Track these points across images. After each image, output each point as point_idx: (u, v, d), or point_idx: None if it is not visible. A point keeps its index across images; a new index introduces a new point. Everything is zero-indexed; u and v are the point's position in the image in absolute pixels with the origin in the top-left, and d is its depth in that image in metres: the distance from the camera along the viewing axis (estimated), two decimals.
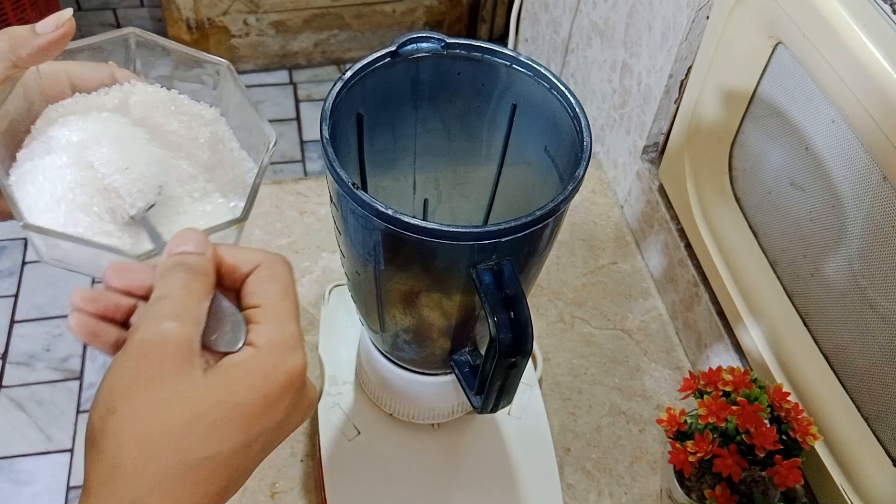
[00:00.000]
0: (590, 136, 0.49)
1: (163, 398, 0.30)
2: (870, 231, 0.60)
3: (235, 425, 0.31)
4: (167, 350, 0.31)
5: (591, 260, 0.93)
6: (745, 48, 0.70)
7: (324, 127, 0.47)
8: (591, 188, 1.02)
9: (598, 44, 1.05)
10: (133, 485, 0.29)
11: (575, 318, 0.88)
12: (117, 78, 0.40)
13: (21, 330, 1.69)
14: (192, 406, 0.30)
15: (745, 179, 0.77)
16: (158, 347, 0.31)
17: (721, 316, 0.80)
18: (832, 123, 0.62)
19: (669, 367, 0.85)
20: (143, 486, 0.29)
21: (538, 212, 0.45)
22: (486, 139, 0.59)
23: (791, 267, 0.72)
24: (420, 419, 0.68)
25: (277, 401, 0.32)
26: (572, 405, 0.81)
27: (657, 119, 0.89)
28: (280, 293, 0.34)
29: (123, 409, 0.30)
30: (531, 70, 0.52)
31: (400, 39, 0.52)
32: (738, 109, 0.74)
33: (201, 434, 0.30)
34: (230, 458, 0.31)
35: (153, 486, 0.29)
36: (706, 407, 0.63)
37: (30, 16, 1.94)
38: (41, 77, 0.39)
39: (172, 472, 0.29)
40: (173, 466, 0.29)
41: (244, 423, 0.31)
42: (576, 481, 0.75)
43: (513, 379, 0.50)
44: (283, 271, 0.35)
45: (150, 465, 0.29)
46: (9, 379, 1.62)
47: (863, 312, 0.62)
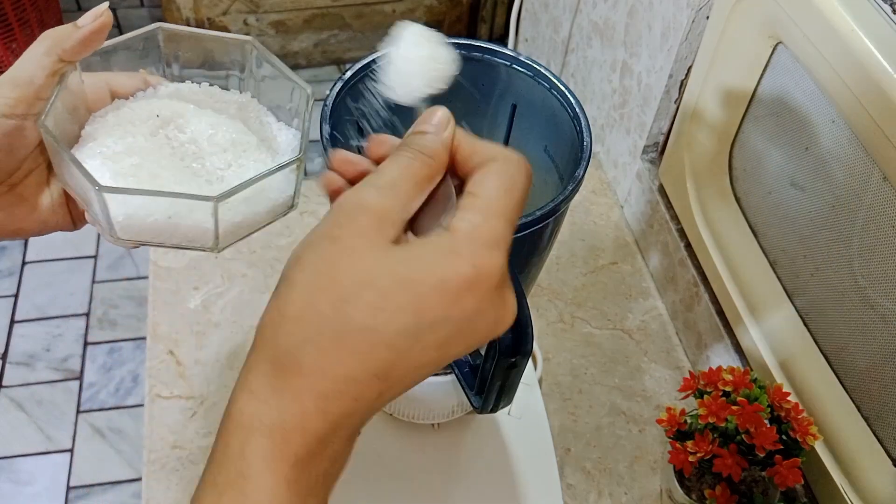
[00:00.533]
0: (590, 136, 0.49)
1: (341, 257, 0.30)
2: (870, 231, 0.60)
3: (405, 302, 0.29)
4: (359, 215, 0.30)
5: (591, 260, 0.93)
6: (745, 48, 0.70)
7: (324, 127, 0.47)
8: (591, 188, 1.02)
9: (598, 44, 1.05)
10: (290, 333, 0.29)
11: (575, 318, 0.88)
12: (150, 83, 0.43)
13: (21, 330, 1.69)
14: (367, 271, 0.29)
15: (745, 179, 0.77)
16: (351, 211, 0.30)
17: (721, 316, 0.80)
18: (832, 123, 0.62)
19: (669, 367, 0.85)
20: (301, 336, 0.29)
21: (538, 212, 0.45)
22: (486, 139, 0.59)
23: (791, 267, 0.72)
24: (420, 419, 0.68)
25: (458, 294, 0.29)
26: (572, 405, 0.81)
27: (657, 119, 0.89)
28: (501, 189, 0.32)
29: (307, 260, 0.30)
30: (531, 70, 0.52)
31: None
32: (738, 109, 0.74)
33: (369, 302, 0.29)
34: (394, 338, 0.29)
35: (310, 339, 0.29)
36: (706, 407, 0.63)
37: (30, 16, 1.94)
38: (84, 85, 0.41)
39: (331, 330, 0.29)
40: (329, 326, 0.29)
41: (414, 304, 0.29)
42: (576, 481, 0.75)
43: (513, 379, 0.50)
44: (515, 173, 0.33)
45: (312, 317, 0.29)
46: (9, 379, 1.62)
47: (863, 312, 0.62)
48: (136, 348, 1.68)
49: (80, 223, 0.44)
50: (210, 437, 0.75)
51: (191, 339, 0.82)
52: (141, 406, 1.55)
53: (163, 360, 0.81)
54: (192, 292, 0.86)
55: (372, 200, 0.31)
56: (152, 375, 0.79)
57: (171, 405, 0.77)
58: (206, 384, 0.79)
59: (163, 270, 0.88)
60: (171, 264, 0.88)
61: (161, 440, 0.75)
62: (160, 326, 0.83)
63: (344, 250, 0.30)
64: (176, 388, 0.79)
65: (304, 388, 0.29)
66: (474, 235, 0.30)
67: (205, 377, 0.79)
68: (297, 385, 0.29)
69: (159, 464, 0.73)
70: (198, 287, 0.86)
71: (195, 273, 0.87)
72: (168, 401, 0.78)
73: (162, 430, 0.76)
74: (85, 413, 1.58)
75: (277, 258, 0.89)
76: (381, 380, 0.30)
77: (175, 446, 0.75)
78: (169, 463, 0.74)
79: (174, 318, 0.84)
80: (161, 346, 0.82)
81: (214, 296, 0.86)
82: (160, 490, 0.72)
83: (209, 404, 0.78)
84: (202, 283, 0.87)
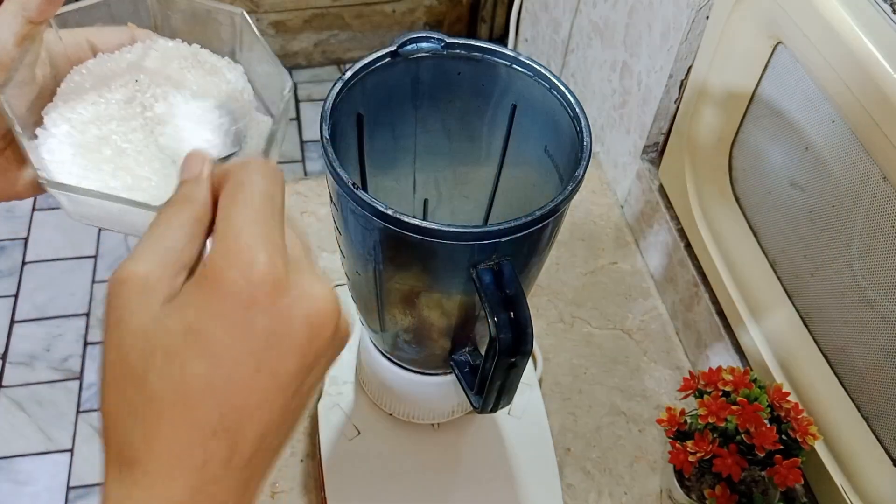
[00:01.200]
0: (590, 137, 0.49)
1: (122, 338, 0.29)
2: (870, 231, 0.60)
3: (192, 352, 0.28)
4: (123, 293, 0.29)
5: (591, 260, 0.93)
6: (745, 48, 0.70)
7: (324, 127, 0.47)
8: (591, 188, 1.02)
9: (598, 44, 1.05)
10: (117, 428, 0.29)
11: (575, 318, 0.88)
12: (137, 37, 0.40)
13: (21, 330, 1.69)
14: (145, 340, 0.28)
15: (745, 179, 0.77)
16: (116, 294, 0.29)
17: (721, 316, 0.80)
18: (832, 123, 0.62)
19: (669, 367, 0.85)
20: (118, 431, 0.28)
21: (538, 212, 0.45)
22: (486, 139, 0.59)
23: (791, 267, 0.72)
24: (420, 419, 0.68)
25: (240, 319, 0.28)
26: (572, 405, 0.81)
27: (657, 119, 0.89)
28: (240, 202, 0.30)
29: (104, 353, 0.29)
30: (531, 70, 0.52)
31: (400, 39, 0.52)
32: (738, 109, 0.74)
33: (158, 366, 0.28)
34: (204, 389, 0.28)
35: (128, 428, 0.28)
36: (706, 407, 0.63)
37: None
38: (62, 41, 0.39)
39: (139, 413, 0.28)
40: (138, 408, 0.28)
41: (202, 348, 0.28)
42: (576, 481, 0.75)
43: (513, 379, 0.50)
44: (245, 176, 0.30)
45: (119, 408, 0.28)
46: (9, 379, 1.62)
47: (863, 312, 0.62)
48: None
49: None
50: None
51: None
52: None
53: None
54: None
55: (125, 272, 0.29)
56: None
57: None
58: None
59: None
60: None
61: None
62: None
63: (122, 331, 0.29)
64: None
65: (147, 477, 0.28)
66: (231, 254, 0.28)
67: None
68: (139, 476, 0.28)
69: None
70: None
71: None
72: None
73: None
74: (85, 413, 1.58)
75: None
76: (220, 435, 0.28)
77: None
78: None
79: None
80: None
81: None
82: None
83: None
84: None
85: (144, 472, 0.28)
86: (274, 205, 0.30)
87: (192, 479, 0.28)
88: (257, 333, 0.28)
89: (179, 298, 0.29)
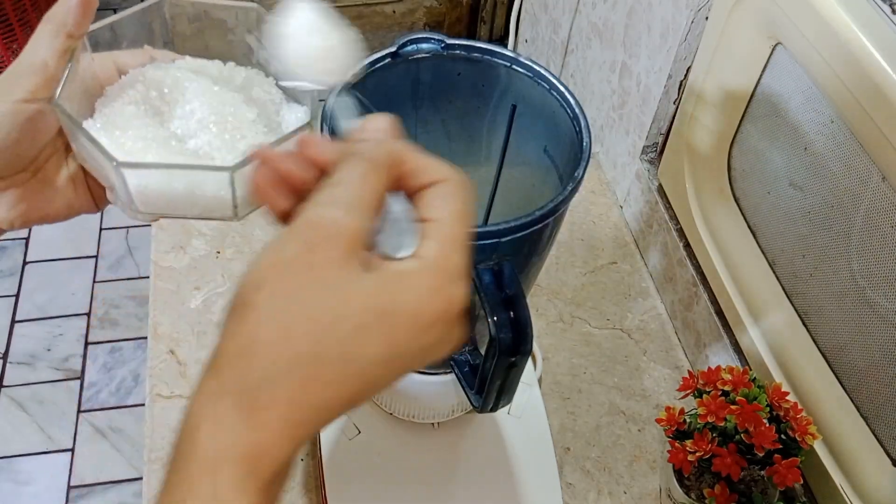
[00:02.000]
0: (589, 137, 0.49)
1: (316, 286, 0.29)
2: (869, 231, 0.60)
3: (381, 337, 0.29)
4: (331, 238, 0.29)
5: (591, 260, 0.94)
6: (744, 48, 0.70)
7: (324, 127, 0.47)
8: (591, 188, 1.02)
9: (597, 45, 1.05)
10: (264, 366, 0.28)
11: (574, 317, 0.88)
12: (155, 57, 0.43)
13: (21, 330, 1.69)
14: (343, 303, 0.29)
15: (744, 179, 0.77)
16: (324, 233, 0.29)
17: (720, 316, 0.80)
18: (831, 123, 0.62)
19: (668, 367, 0.85)
20: (273, 370, 0.28)
21: (538, 212, 0.45)
22: (485, 139, 0.59)
23: (790, 267, 0.72)
24: (420, 418, 0.68)
25: (429, 325, 0.30)
26: (572, 404, 0.81)
27: (656, 119, 0.89)
28: (458, 214, 0.31)
29: (275, 286, 0.29)
30: (531, 71, 0.53)
31: (400, 40, 0.53)
32: (738, 110, 0.75)
33: (345, 334, 0.29)
34: (367, 368, 0.29)
35: (283, 373, 0.28)
36: (705, 406, 0.64)
37: (30, 16, 1.94)
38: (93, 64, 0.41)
39: (307, 363, 0.29)
40: (309, 358, 0.29)
41: (390, 337, 0.29)
42: (575, 480, 0.76)
43: (513, 378, 0.50)
44: (468, 195, 0.32)
45: (284, 351, 0.28)
46: (9, 379, 1.62)
47: (862, 312, 0.62)
48: (136, 348, 1.68)
49: (101, 203, 0.43)
50: None
51: (192, 338, 0.82)
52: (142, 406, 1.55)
53: (164, 359, 0.81)
54: (193, 292, 0.86)
55: (344, 222, 0.30)
56: (153, 375, 0.80)
57: (172, 405, 0.78)
58: None
59: (164, 270, 0.88)
60: (173, 264, 0.88)
61: (162, 440, 0.75)
62: (161, 326, 0.83)
63: (318, 280, 0.29)
64: (177, 388, 0.79)
65: (276, 419, 0.29)
66: (444, 268, 0.30)
67: None
68: (269, 416, 0.29)
69: (160, 463, 0.73)
70: (199, 287, 0.87)
71: (196, 273, 0.88)
72: (169, 400, 0.78)
73: (163, 429, 0.76)
74: (86, 413, 1.58)
75: None
76: (350, 402, 0.30)
77: None
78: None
79: (175, 318, 0.84)
80: (162, 346, 0.82)
81: (215, 295, 0.86)
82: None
83: None
84: (203, 283, 0.87)
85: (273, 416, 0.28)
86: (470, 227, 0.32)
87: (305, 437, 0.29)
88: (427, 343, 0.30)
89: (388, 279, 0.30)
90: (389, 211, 0.32)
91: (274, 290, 0.29)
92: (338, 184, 0.31)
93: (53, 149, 0.41)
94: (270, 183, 0.33)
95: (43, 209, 0.41)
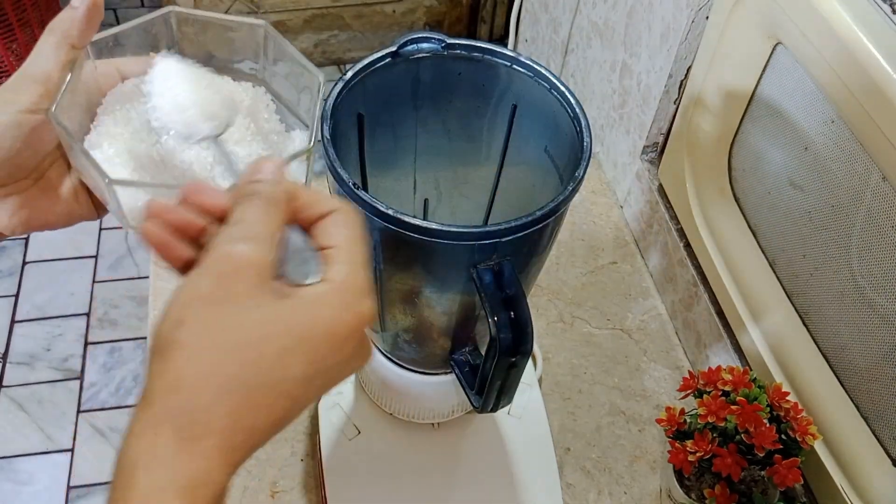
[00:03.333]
0: (590, 137, 0.49)
1: (234, 316, 0.30)
2: (869, 231, 0.60)
3: (302, 356, 0.31)
4: (242, 271, 0.31)
5: (591, 260, 0.93)
6: (744, 48, 0.70)
7: (324, 127, 0.47)
8: (591, 188, 1.02)
9: (597, 44, 1.05)
10: (195, 397, 0.29)
11: (575, 317, 0.88)
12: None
13: (21, 330, 1.69)
14: (263, 329, 0.31)
15: (745, 179, 0.77)
16: (233, 267, 0.31)
17: (720, 316, 0.80)
18: (831, 123, 0.62)
19: (669, 367, 0.85)
20: (204, 400, 0.29)
21: (538, 212, 0.45)
22: (486, 139, 0.59)
23: (790, 267, 0.72)
24: (420, 419, 0.68)
25: (344, 341, 0.32)
26: (572, 405, 0.81)
27: (657, 119, 0.89)
28: (354, 238, 0.34)
29: (194, 322, 0.30)
30: (531, 70, 0.53)
31: (400, 40, 0.52)
32: (738, 109, 0.74)
33: (269, 359, 0.30)
34: (293, 388, 0.31)
35: (214, 402, 0.29)
36: (705, 406, 0.64)
37: (30, 16, 1.94)
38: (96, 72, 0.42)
39: (235, 390, 0.30)
40: (237, 385, 0.30)
41: (310, 356, 0.31)
42: (575, 481, 0.75)
43: (513, 378, 0.50)
44: (357, 221, 0.35)
45: (214, 380, 0.30)
46: (9, 379, 1.62)
47: (862, 312, 0.62)
48: (136, 348, 1.68)
49: (102, 211, 0.44)
50: None
51: None
52: None
53: None
54: None
55: (251, 255, 0.31)
56: None
57: None
58: None
59: (164, 270, 0.88)
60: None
61: None
62: None
63: (236, 310, 0.31)
64: None
65: (212, 447, 0.30)
66: (352, 286, 0.33)
67: None
68: (204, 445, 0.29)
69: None
70: None
71: None
72: None
73: None
74: (85, 413, 1.58)
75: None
76: (279, 423, 0.32)
77: None
78: None
79: None
80: None
81: None
82: None
83: None
84: None
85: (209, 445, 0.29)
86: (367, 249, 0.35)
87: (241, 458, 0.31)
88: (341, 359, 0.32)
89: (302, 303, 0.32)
90: (290, 242, 0.34)
91: (194, 324, 0.30)
92: (239, 222, 0.33)
93: (55, 157, 0.42)
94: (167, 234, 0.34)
95: (44, 216, 0.42)
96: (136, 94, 0.41)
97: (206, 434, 0.29)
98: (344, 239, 0.34)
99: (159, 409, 0.30)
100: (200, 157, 0.40)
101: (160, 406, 0.30)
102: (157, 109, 0.38)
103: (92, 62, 0.41)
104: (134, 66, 0.43)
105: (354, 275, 0.33)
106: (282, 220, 0.34)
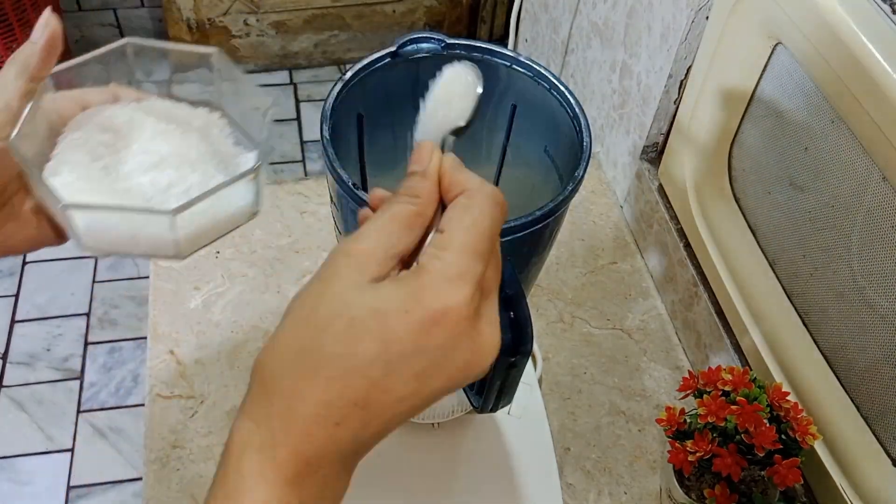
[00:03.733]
0: (589, 137, 0.49)
1: (322, 292, 0.32)
2: (869, 231, 0.60)
3: (372, 331, 0.31)
4: (338, 258, 0.33)
5: (591, 260, 0.93)
6: (744, 48, 0.70)
7: (324, 127, 0.47)
8: (591, 188, 1.02)
9: (597, 44, 1.05)
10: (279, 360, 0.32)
11: (575, 317, 0.88)
12: (119, 96, 0.44)
13: (21, 330, 1.69)
14: (341, 304, 0.31)
15: (745, 179, 0.77)
16: (333, 255, 0.33)
17: (720, 316, 0.80)
18: (831, 123, 0.62)
19: (669, 367, 0.85)
20: (280, 364, 0.32)
21: (538, 212, 0.45)
22: (485, 139, 0.59)
23: (790, 267, 0.72)
24: (420, 419, 0.68)
25: (424, 326, 0.31)
26: (572, 405, 0.81)
27: (657, 119, 0.89)
28: (464, 223, 0.33)
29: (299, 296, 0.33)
30: (531, 70, 0.53)
31: (400, 40, 0.53)
32: (738, 110, 0.74)
33: (338, 329, 0.31)
34: (367, 366, 0.31)
35: (289, 365, 0.31)
36: (705, 406, 0.64)
37: (30, 16, 1.94)
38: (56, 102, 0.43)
39: (308, 357, 0.31)
40: (309, 353, 0.31)
41: (380, 332, 0.31)
42: (575, 481, 0.75)
43: (513, 378, 0.50)
44: (483, 204, 0.34)
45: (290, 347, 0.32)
46: (9, 379, 1.62)
47: (862, 312, 0.62)
48: (136, 348, 1.68)
49: (65, 237, 0.45)
50: (210, 437, 0.76)
51: (191, 338, 0.82)
52: (141, 406, 1.55)
53: (163, 359, 0.81)
54: (192, 292, 0.86)
55: (349, 245, 0.33)
56: (153, 375, 0.80)
57: (171, 405, 0.77)
58: (207, 384, 0.79)
59: (164, 270, 0.88)
60: (172, 264, 0.88)
61: (162, 440, 0.75)
62: (161, 326, 0.83)
63: (325, 288, 0.32)
64: (176, 388, 0.79)
65: (288, 411, 0.31)
66: (440, 270, 0.32)
67: (205, 377, 0.80)
68: (282, 408, 0.31)
69: (160, 463, 0.73)
70: (198, 287, 0.86)
71: (196, 273, 0.88)
72: (169, 400, 0.78)
73: (162, 429, 0.76)
74: (85, 413, 1.58)
75: (278, 258, 0.89)
76: (361, 408, 0.31)
77: (175, 446, 0.75)
78: (169, 462, 0.74)
79: (175, 318, 0.84)
80: (162, 346, 0.82)
81: (215, 295, 0.86)
82: (161, 489, 0.72)
83: (209, 404, 0.78)
84: (203, 283, 0.87)
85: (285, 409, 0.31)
86: (494, 240, 0.34)
87: (323, 436, 0.31)
88: (430, 347, 0.31)
89: (386, 284, 0.32)
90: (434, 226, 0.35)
91: (297, 300, 0.33)
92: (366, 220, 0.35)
93: (19, 185, 0.42)
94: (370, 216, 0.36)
95: (7, 241, 0.43)
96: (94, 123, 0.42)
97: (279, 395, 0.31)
98: (454, 223, 0.33)
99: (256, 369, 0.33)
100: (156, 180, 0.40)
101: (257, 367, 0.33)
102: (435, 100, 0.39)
103: (52, 91, 0.42)
104: (94, 95, 0.44)
105: (448, 260, 0.32)
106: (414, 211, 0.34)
